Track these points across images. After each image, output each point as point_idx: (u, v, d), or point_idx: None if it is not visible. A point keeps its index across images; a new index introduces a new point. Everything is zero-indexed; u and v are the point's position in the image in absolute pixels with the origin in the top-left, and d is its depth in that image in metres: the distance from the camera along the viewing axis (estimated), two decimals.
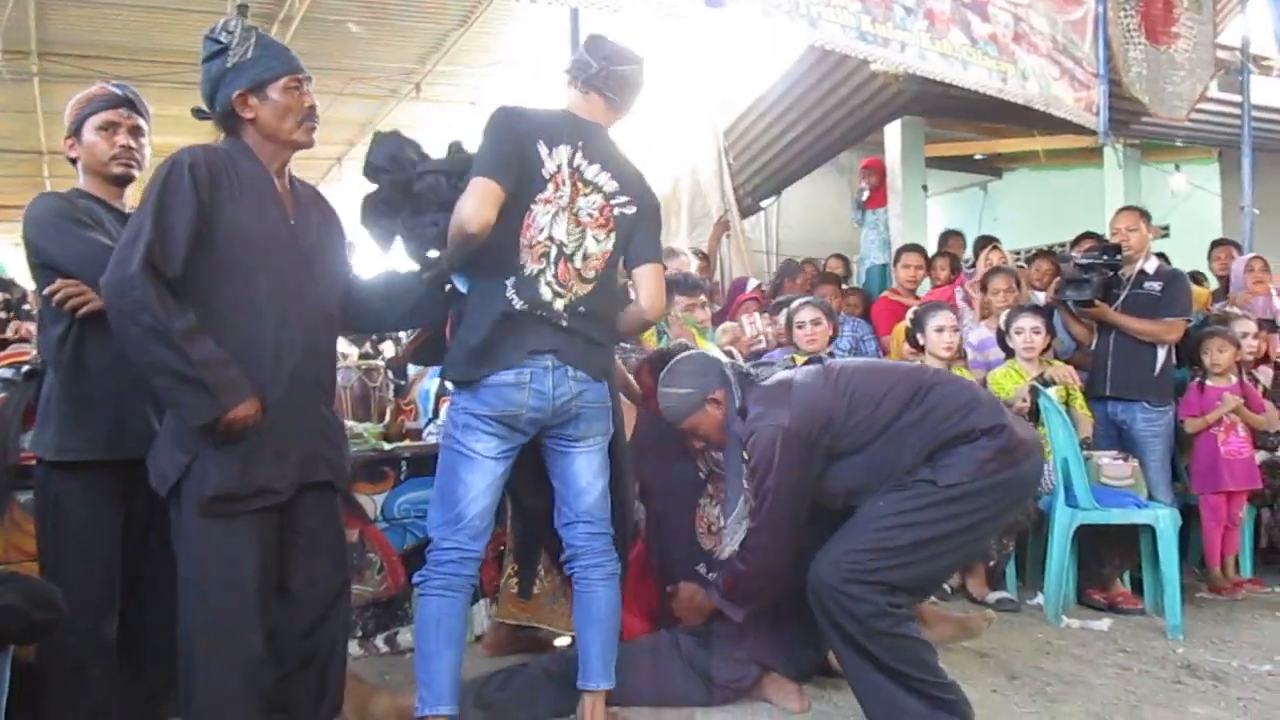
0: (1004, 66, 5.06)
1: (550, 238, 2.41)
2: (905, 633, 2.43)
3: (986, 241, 6.29)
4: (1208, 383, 4.58)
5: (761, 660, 2.89)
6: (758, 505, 2.51)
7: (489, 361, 2.37)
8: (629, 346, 3.42)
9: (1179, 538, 3.98)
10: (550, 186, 2.40)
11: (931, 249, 6.52)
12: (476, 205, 2.28)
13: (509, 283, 2.38)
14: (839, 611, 2.41)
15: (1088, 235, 5.53)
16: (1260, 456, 4.66)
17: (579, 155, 2.43)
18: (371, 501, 3.43)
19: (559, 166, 2.41)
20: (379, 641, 3.42)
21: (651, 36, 7.19)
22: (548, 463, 2.54)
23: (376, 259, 2.76)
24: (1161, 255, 4.98)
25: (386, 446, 3.54)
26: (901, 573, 2.43)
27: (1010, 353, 4.50)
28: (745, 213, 7.81)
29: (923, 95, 6.14)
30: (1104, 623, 3.92)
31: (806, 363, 2.79)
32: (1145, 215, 4.62)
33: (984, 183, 10.65)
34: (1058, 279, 4.76)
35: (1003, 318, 4.55)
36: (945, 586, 4.30)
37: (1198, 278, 5.97)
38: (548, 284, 2.41)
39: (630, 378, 3.17)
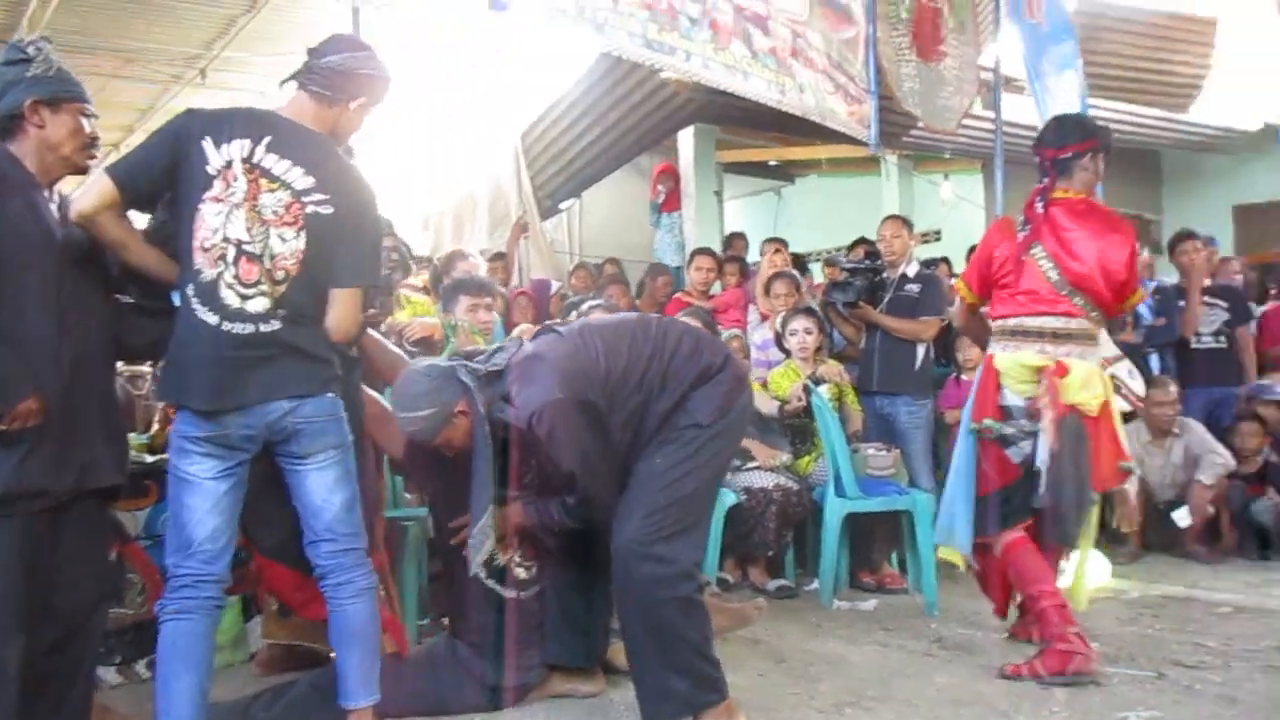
0: (783, 79, 5.31)
1: (226, 238, 2.29)
2: (700, 599, 2.55)
3: (770, 243, 6.59)
4: (963, 376, 4.99)
5: (551, 660, 2.93)
6: (570, 479, 2.55)
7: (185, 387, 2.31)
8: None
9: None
10: (219, 183, 2.30)
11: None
12: (80, 195, 2.29)
13: (190, 292, 2.30)
14: (645, 576, 2.46)
15: (860, 241, 5.90)
16: None
17: (261, 149, 2.32)
18: (133, 518, 3.25)
19: (228, 162, 2.31)
20: (140, 667, 3.23)
21: (447, 37, 7.14)
22: (285, 480, 2.46)
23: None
24: (939, 261, 5.34)
25: (150, 459, 3.36)
26: (695, 517, 2.57)
27: (788, 353, 4.75)
28: (545, 214, 7.86)
29: (711, 104, 6.37)
30: (871, 603, 4.20)
31: (535, 334, 2.78)
32: (907, 223, 4.99)
33: (778, 187, 11.11)
34: (826, 282, 5.07)
35: (779, 320, 4.80)
36: (728, 576, 4.50)
37: None
38: (229, 287, 2.29)
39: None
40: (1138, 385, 4.61)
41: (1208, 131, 10.13)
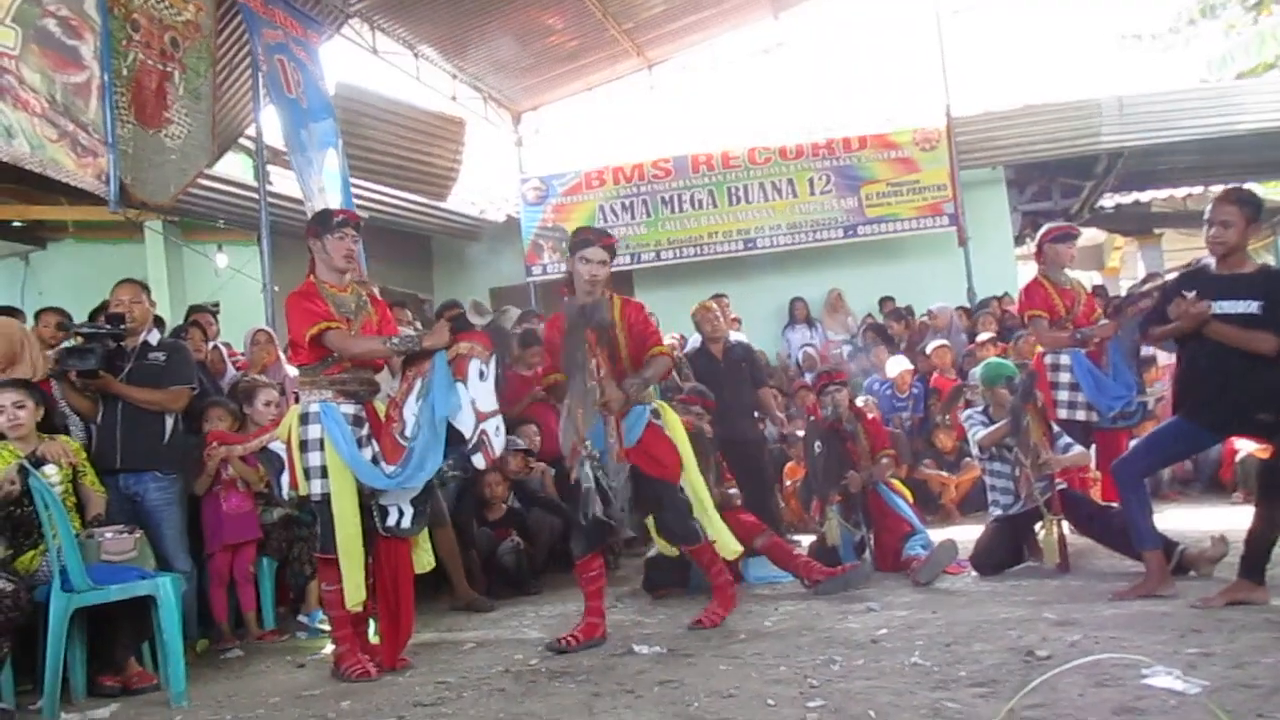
0: None
1: None
2: None
3: None
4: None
5: None
6: None
7: None
8: None
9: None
10: None
11: None
12: None
13: None
14: None
15: (103, 306, 5.33)
16: (278, 514, 5.01)
17: None
18: None
19: None
20: None
21: None
22: None
23: None
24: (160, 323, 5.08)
25: None
26: None
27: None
28: None
29: None
30: (108, 709, 3.71)
31: None
32: (145, 288, 4.63)
33: (25, 253, 9.72)
34: (59, 348, 4.48)
35: None
36: None
37: None
38: None
39: None
40: None
41: (465, 220, 11.47)
